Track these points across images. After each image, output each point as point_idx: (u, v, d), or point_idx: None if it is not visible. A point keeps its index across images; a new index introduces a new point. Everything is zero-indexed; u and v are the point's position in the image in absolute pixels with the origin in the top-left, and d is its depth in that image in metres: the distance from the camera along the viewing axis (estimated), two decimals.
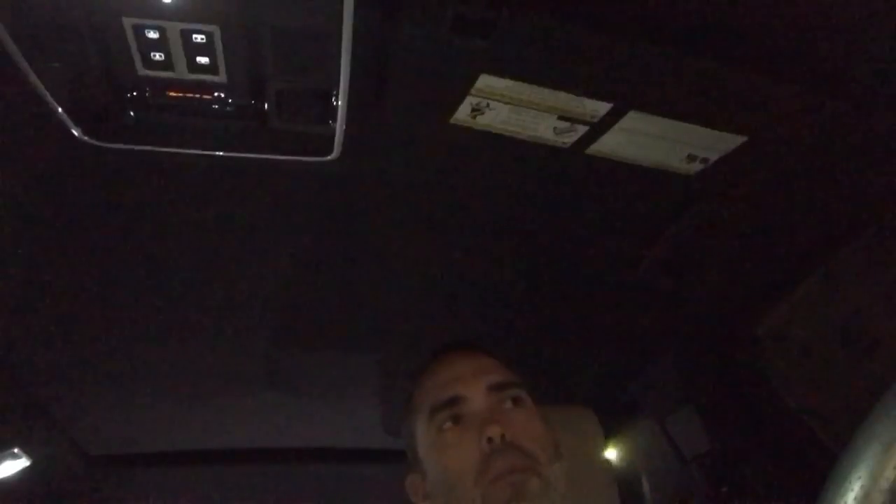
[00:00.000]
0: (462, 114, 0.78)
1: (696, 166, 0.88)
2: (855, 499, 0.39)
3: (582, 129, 0.81)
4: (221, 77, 0.70)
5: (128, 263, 1.01)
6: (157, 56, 0.67)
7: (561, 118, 0.79)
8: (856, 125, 0.81)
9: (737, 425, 1.29)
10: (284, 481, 1.69)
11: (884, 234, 1.03)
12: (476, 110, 0.77)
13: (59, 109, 0.69)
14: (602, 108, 0.77)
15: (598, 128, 0.80)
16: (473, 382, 0.90)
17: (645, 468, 1.44)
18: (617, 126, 0.80)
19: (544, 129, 0.81)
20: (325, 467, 1.69)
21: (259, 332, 1.21)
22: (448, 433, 0.88)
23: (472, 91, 0.74)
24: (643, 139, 0.83)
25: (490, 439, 0.83)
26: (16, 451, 1.35)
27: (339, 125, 0.74)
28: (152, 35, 0.65)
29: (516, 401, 0.90)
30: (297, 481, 1.69)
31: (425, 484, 0.92)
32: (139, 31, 0.64)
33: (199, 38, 0.66)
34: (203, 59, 0.68)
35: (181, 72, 0.69)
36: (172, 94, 0.72)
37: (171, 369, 1.28)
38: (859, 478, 0.39)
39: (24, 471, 1.38)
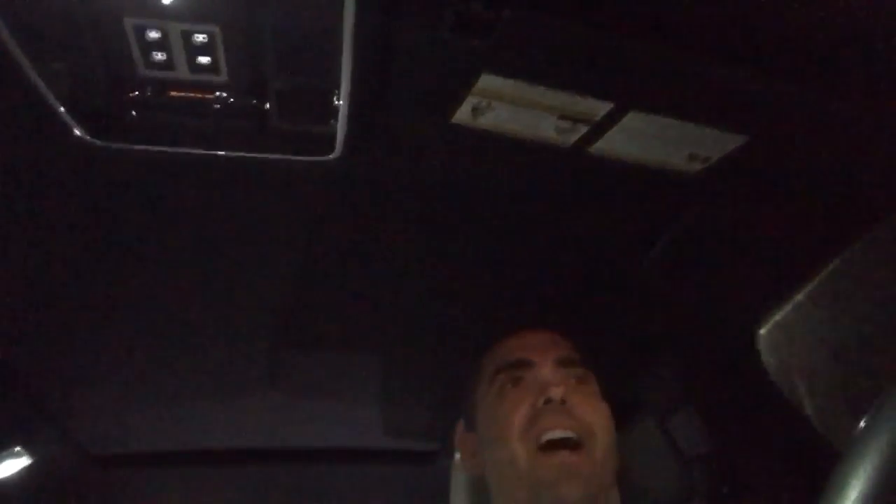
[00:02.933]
0: (463, 113, 0.78)
1: (698, 166, 0.88)
2: (857, 498, 0.39)
3: (583, 129, 0.81)
4: (223, 77, 0.70)
5: (128, 263, 1.01)
6: (159, 56, 0.67)
7: (562, 118, 0.79)
8: (856, 125, 0.81)
9: (737, 425, 1.29)
10: (285, 481, 1.69)
11: (884, 235, 1.03)
12: (477, 110, 0.77)
13: (61, 109, 0.69)
14: (603, 107, 0.77)
15: (599, 127, 0.80)
16: (542, 352, 0.91)
17: (645, 468, 1.44)
18: (618, 126, 0.80)
19: (545, 128, 0.81)
20: (326, 467, 1.69)
21: (260, 332, 1.21)
22: (508, 393, 0.88)
23: (473, 91, 0.74)
24: (644, 139, 0.83)
25: (549, 399, 0.83)
26: (17, 450, 1.35)
27: (341, 125, 0.74)
28: (153, 35, 0.65)
29: (582, 378, 0.91)
30: (298, 481, 1.69)
31: (476, 441, 0.93)
32: (140, 31, 0.65)
33: (200, 37, 0.66)
34: (204, 59, 0.68)
35: (182, 72, 0.69)
36: (174, 93, 0.72)
37: (172, 369, 1.28)
38: (861, 477, 0.39)
39: (25, 470, 1.38)
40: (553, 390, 0.84)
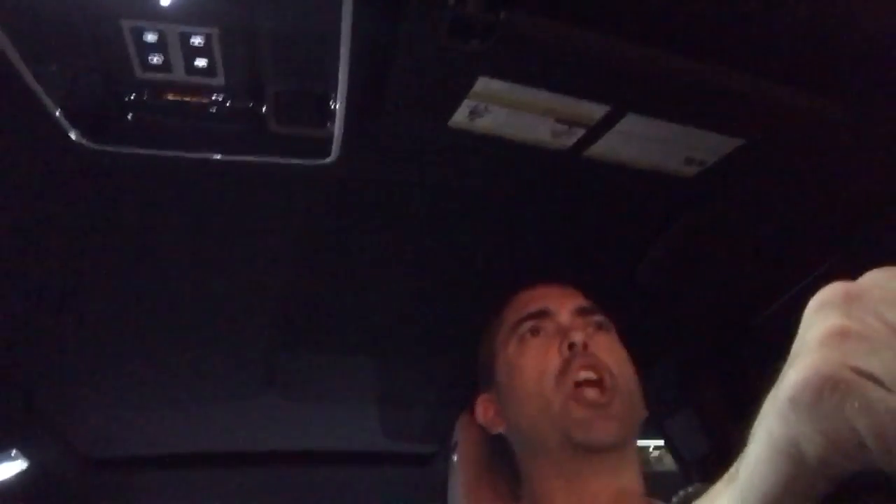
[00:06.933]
0: (460, 117, 0.78)
1: (695, 169, 0.88)
2: None
3: (580, 132, 0.81)
4: (220, 79, 0.70)
5: (126, 266, 1.00)
6: (156, 58, 0.67)
7: (559, 121, 0.79)
8: (856, 126, 0.81)
9: (737, 426, 1.28)
10: (284, 484, 1.68)
11: (881, 235, 1.03)
12: (474, 113, 0.77)
13: (57, 112, 0.69)
14: (600, 110, 0.77)
15: (596, 130, 0.80)
16: (560, 302, 0.92)
17: (644, 469, 1.44)
18: (615, 129, 0.80)
19: (542, 131, 0.81)
20: (324, 470, 1.68)
21: (258, 335, 1.21)
22: (530, 342, 0.89)
23: (470, 94, 0.74)
24: (641, 142, 0.83)
25: (572, 345, 0.84)
26: (13, 453, 1.35)
27: (338, 128, 0.74)
28: (150, 37, 0.65)
29: (601, 325, 0.91)
30: (295, 484, 1.69)
31: (497, 400, 0.92)
32: (137, 33, 0.64)
33: (197, 40, 0.66)
34: (201, 62, 0.68)
35: (179, 74, 0.69)
36: (170, 96, 0.72)
37: (170, 372, 1.28)
38: None
39: (23, 473, 1.38)
40: (575, 334, 0.85)
